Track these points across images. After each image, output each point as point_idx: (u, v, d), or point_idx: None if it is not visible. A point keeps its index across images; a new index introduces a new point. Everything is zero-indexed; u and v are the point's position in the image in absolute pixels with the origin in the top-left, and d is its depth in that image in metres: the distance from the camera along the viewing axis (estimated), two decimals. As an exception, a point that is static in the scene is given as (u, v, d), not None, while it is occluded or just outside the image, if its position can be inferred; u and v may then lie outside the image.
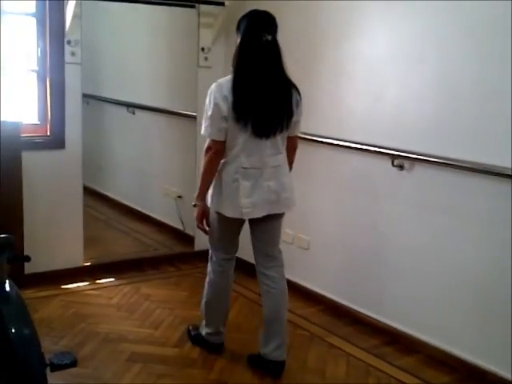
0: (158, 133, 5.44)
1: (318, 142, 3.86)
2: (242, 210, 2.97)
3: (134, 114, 5.51)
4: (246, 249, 3.31)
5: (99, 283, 4.20)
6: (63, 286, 4.07)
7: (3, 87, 3.81)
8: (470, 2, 3.06)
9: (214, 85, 2.95)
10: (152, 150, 5.47)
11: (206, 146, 2.98)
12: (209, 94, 2.94)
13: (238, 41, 2.97)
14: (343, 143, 3.71)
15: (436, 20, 3.23)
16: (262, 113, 2.91)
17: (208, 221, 3.13)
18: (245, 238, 3.21)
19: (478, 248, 3.12)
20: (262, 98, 2.91)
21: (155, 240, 5.09)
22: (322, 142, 3.85)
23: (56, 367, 2.01)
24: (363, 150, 3.59)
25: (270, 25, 2.94)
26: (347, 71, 3.72)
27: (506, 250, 2.98)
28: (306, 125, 3.92)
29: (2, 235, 2.07)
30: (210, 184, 3.04)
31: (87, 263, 4.34)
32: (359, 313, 3.75)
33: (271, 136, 2.95)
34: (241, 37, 2.96)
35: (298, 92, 3.03)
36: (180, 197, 5.03)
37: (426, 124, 3.30)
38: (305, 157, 4.02)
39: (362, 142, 3.60)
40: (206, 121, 2.94)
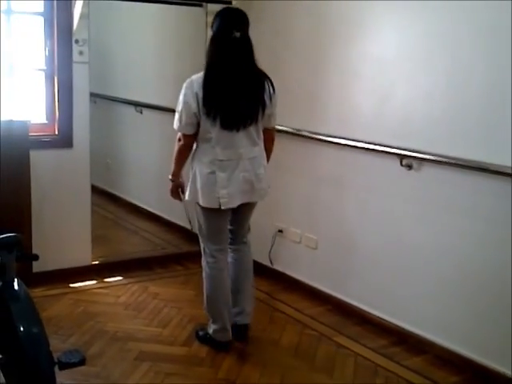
0: (165, 132, 5.42)
1: (327, 141, 3.85)
2: (219, 200, 3.09)
3: (141, 113, 5.52)
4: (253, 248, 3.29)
5: (107, 282, 4.20)
6: (71, 285, 4.08)
7: (11, 86, 3.83)
8: (478, 2, 3.05)
9: (187, 81, 3.09)
10: (159, 149, 5.46)
11: (177, 137, 3.20)
12: (182, 89, 3.09)
13: (209, 38, 3.09)
14: (352, 143, 3.69)
15: (444, 20, 3.21)
16: (230, 107, 3.03)
17: (184, 191, 3.28)
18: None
19: (489, 248, 3.10)
20: (230, 93, 3.03)
21: (163, 239, 5.09)
22: (330, 142, 3.84)
23: (64, 365, 2.00)
24: (371, 149, 3.59)
25: (239, 22, 3.06)
26: (356, 71, 3.71)
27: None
28: (315, 124, 3.94)
29: (10, 234, 2.07)
30: (182, 165, 3.27)
31: (95, 262, 4.34)
32: (367, 312, 3.73)
33: (241, 128, 3.07)
34: (212, 34, 3.08)
35: (271, 85, 3.13)
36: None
37: (435, 124, 3.29)
38: (312, 156, 4.03)
39: (371, 141, 3.59)
40: (176, 114, 3.11)
